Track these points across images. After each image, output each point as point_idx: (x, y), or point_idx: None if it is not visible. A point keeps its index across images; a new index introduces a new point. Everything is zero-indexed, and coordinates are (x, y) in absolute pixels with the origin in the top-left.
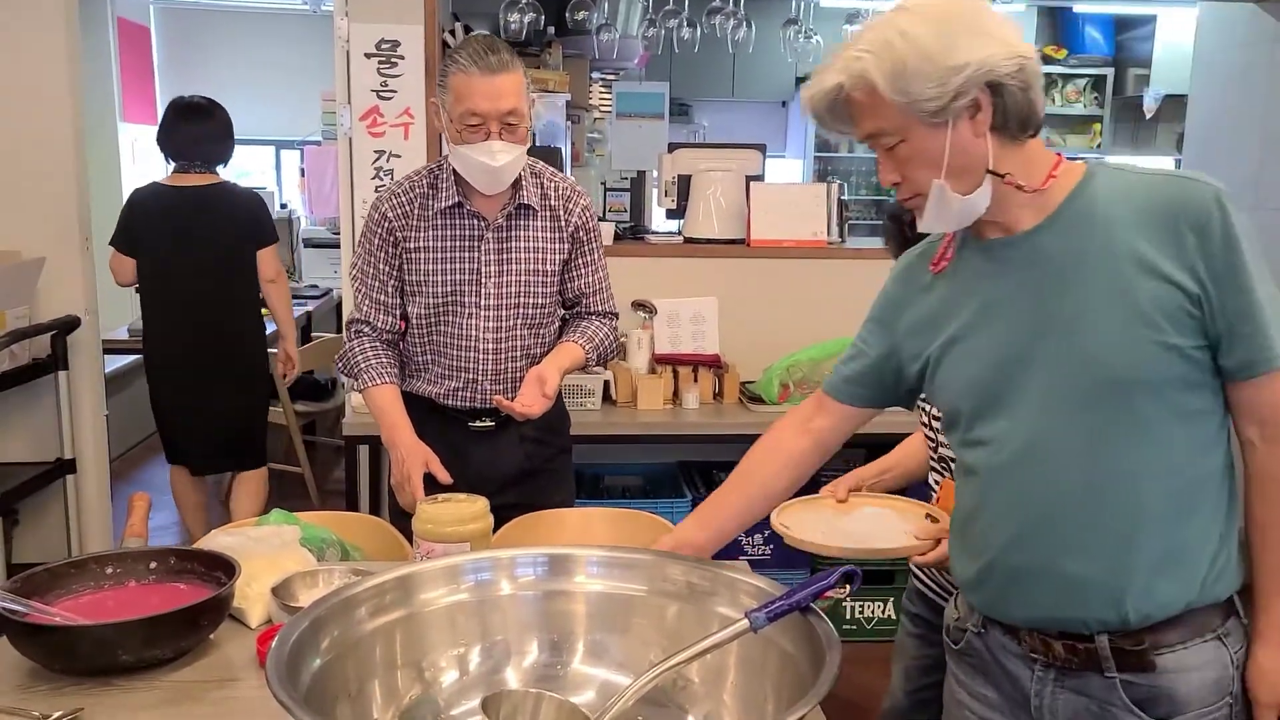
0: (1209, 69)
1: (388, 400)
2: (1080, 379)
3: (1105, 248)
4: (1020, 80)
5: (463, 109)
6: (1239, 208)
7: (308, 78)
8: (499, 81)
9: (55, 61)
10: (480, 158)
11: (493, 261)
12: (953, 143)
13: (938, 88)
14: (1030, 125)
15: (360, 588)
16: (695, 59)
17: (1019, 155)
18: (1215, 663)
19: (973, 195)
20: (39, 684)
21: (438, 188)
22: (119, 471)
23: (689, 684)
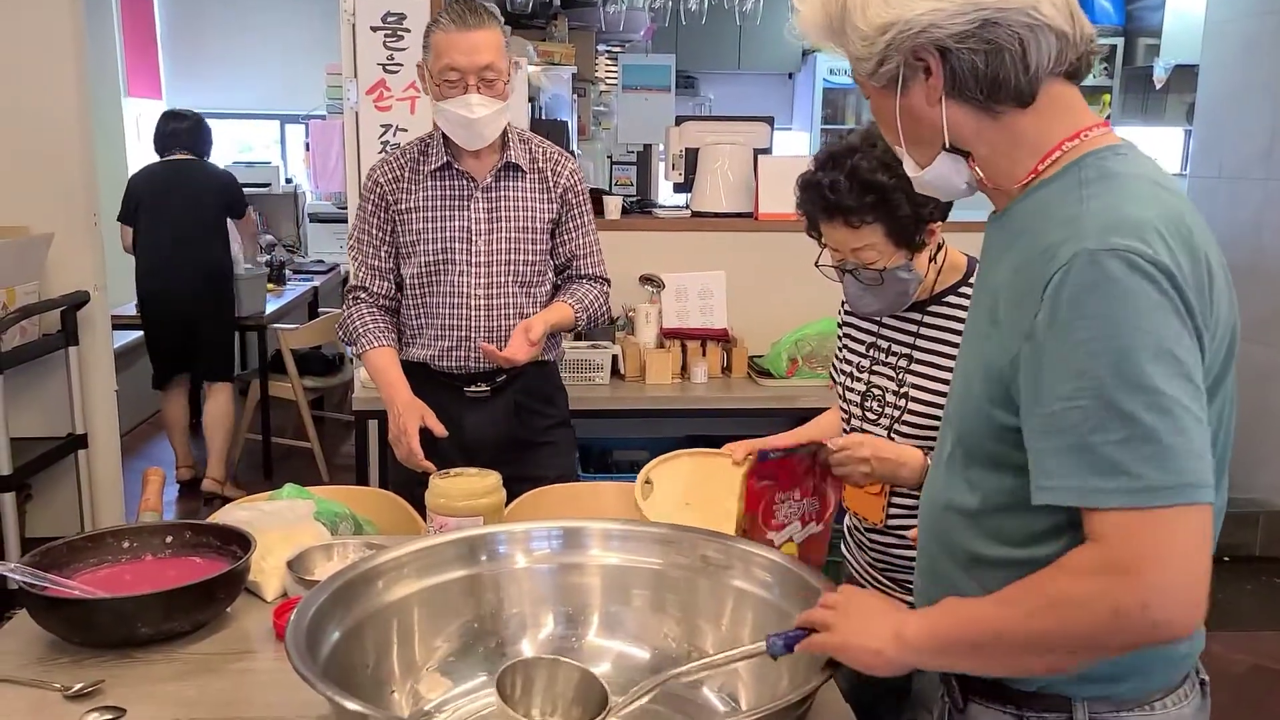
0: (1220, 39)
1: (386, 361)
2: (950, 403)
3: (998, 272)
4: (983, 40)
5: (441, 64)
6: (1149, 280)
7: (312, 51)
8: (474, 37)
9: (61, 38)
10: (458, 110)
11: (482, 220)
12: (902, 108)
13: (866, 48)
14: (1003, 94)
15: (378, 561)
16: (701, 31)
17: (999, 133)
18: None
19: (932, 170)
20: (59, 656)
21: (428, 152)
22: (129, 446)
23: (703, 654)
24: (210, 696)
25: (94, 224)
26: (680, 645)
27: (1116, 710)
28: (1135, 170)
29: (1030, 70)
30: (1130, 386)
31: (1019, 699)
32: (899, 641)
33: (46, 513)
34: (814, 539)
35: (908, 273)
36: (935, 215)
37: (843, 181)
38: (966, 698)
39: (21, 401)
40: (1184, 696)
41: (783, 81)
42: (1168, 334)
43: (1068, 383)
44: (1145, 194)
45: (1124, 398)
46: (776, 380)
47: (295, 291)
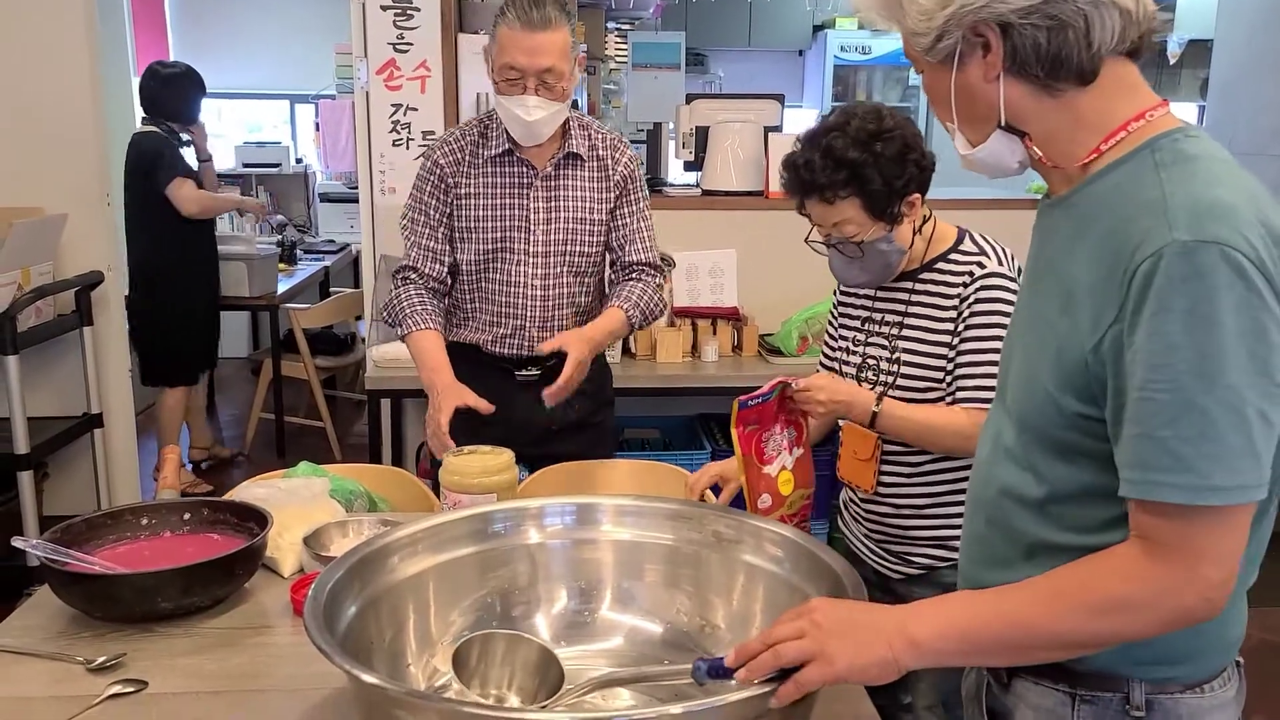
0: (1234, 14)
1: (431, 343)
2: (1007, 390)
3: (1072, 259)
4: (1045, 16)
5: (502, 62)
6: (1240, 276)
7: (321, 31)
8: (539, 38)
9: (72, 20)
10: (515, 110)
11: (540, 209)
12: (958, 85)
13: (925, 23)
14: (1065, 72)
15: (393, 537)
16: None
17: (1059, 112)
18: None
19: (985, 149)
20: (81, 631)
21: (488, 136)
22: (143, 425)
23: (715, 629)
24: (229, 669)
25: (107, 204)
26: (692, 620)
27: (1171, 693)
28: (1211, 152)
29: (1093, 48)
30: (1207, 384)
31: (1073, 678)
32: (912, 647)
33: (63, 491)
34: (801, 461)
35: (888, 244)
36: (911, 188)
37: (817, 160)
38: (1012, 674)
39: (37, 381)
40: (1228, 679)
41: (793, 58)
42: (1254, 330)
43: (1146, 373)
44: (1227, 178)
45: (1200, 395)
46: (787, 358)
47: (306, 271)
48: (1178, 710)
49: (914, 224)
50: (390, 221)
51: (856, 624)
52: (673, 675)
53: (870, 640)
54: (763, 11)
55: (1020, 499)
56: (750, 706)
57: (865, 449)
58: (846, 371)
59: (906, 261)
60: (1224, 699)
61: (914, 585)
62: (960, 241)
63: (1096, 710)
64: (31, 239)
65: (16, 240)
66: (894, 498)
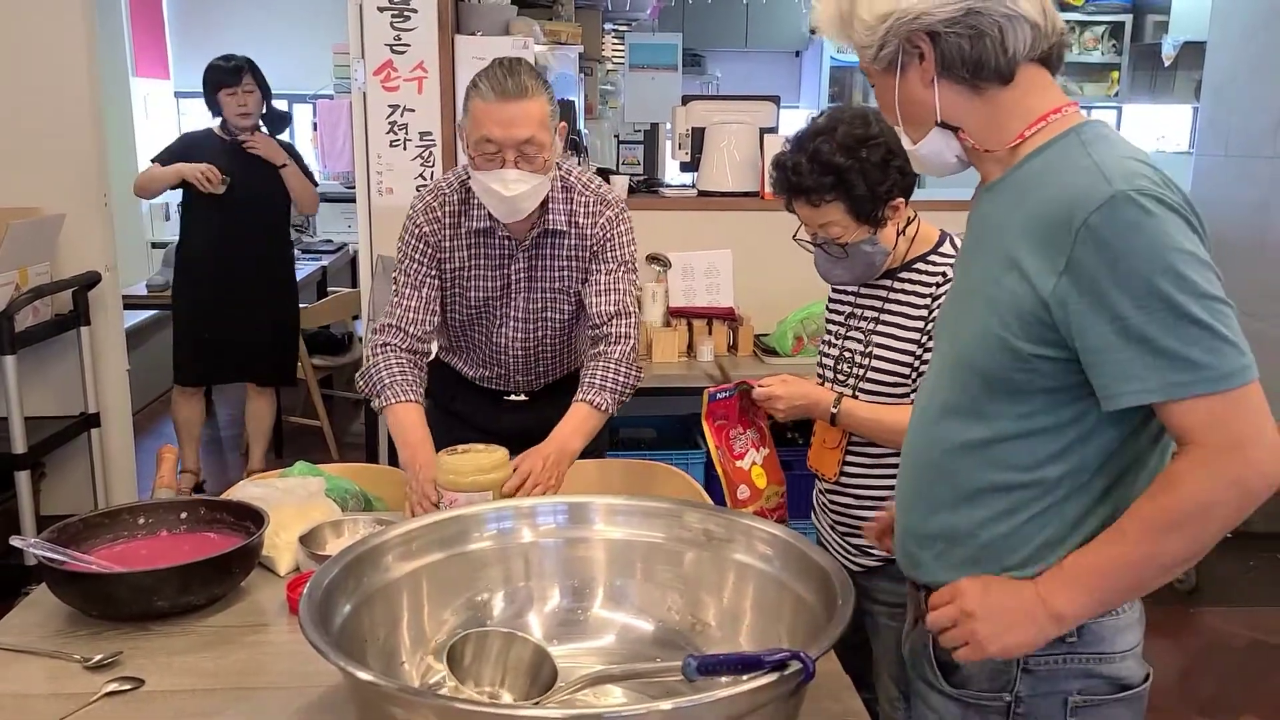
0: (1228, 16)
1: (412, 419)
2: (950, 354)
3: (1012, 224)
4: (968, 26)
5: (478, 135)
6: (1173, 211)
7: (318, 30)
8: (514, 109)
9: (70, 20)
10: (494, 185)
11: (522, 279)
12: (901, 90)
13: (868, 35)
14: (986, 73)
15: (387, 536)
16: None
17: (985, 107)
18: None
19: (924, 145)
20: (79, 629)
21: (469, 203)
22: (140, 424)
23: (706, 627)
24: (226, 667)
25: (104, 204)
26: (684, 618)
27: (1095, 618)
28: (1123, 139)
29: (1009, 53)
30: (1189, 295)
31: None
32: (1056, 619)
33: (60, 491)
34: (769, 459)
35: (872, 246)
36: (894, 193)
37: (804, 163)
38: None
39: (35, 381)
40: (1131, 606)
41: (790, 59)
42: (1201, 251)
43: (1134, 300)
44: (1139, 154)
45: (1189, 306)
46: (782, 358)
47: (304, 271)
48: (1100, 631)
49: (898, 226)
50: (387, 221)
51: (1005, 608)
52: (664, 672)
53: (1019, 621)
54: (759, 13)
55: (966, 446)
56: (739, 703)
57: (833, 438)
58: (825, 363)
59: (890, 261)
60: (1131, 620)
61: (873, 577)
62: (941, 244)
63: None
64: (29, 239)
65: (14, 240)
66: (856, 488)
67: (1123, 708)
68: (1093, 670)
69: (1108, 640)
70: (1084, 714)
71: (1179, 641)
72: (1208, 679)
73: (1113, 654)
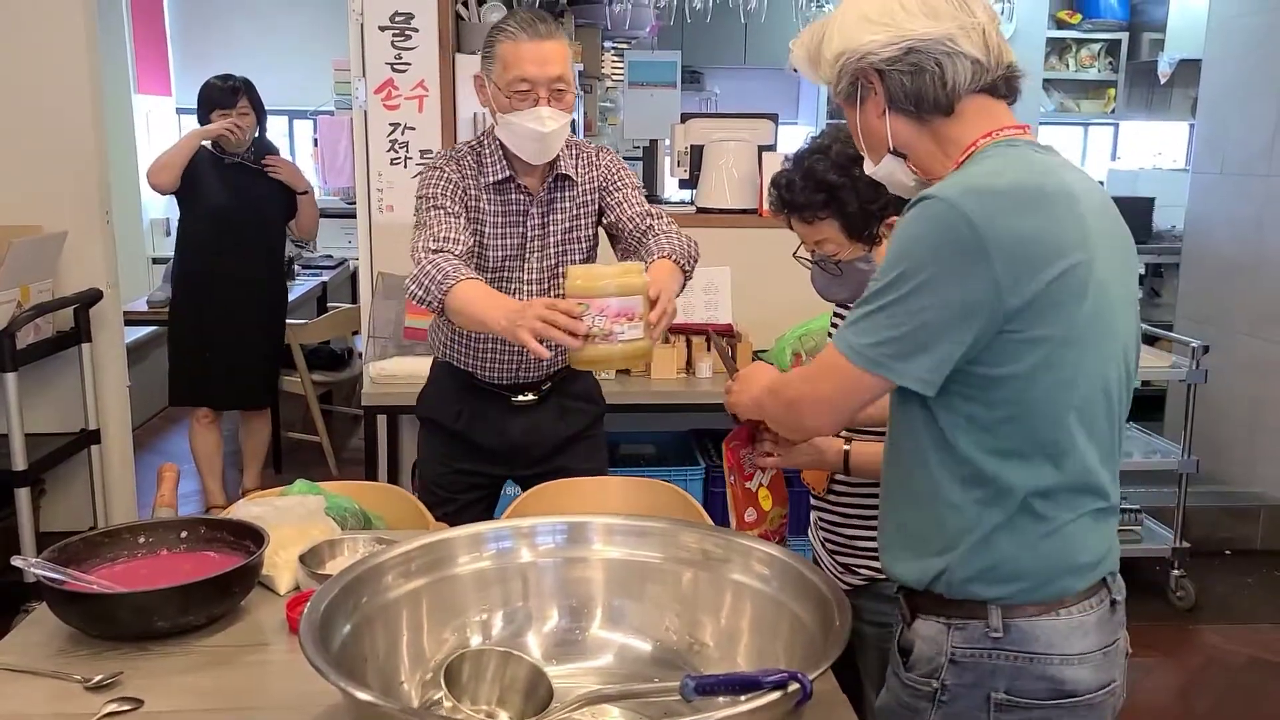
0: (1223, 34)
1: (485, 288)
2: None
3: None
4: (909, 64)
5: (511, 75)
6: (940, 220)
7: (320, 47)
8: (547, 47)
9: (73, 37)
10: (530, 124)
11: (535, 236)
12: (860, 120)
13: (830, 72)
14: (926, 106)
15: (387, 555)
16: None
17: (929, 136)
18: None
19: (880, 169)
20: (79, 649)
21: (483, 162)
22: (140, 441)
23: (703, 647)
24: (226, 687)
25: (106, 222)
26: (681, 638)
27: (1027, 616)
28: (1012, 154)
29: (948, 86)
30: (885, 290)
31: (947, 608)
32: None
33: (60, 508)
34: (775, 480)
35: (866, 264)
36: (888, 211)
37: (798, 181)
38: (914, 614)
39: (35, 398)
40: (1091, 607)
41: (788, 76)
42: (948, 265)
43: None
44: (1005, 170)
45: (888, 292)
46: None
47: (304, 287)
48: (1034, 632)
49: None
50: (388, 239)
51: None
52: (661, 693)
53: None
54: (758, 30)
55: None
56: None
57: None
58: None
59: None
60: (1082, 623)
61: (859, 596)
62: None
63: (965, 634)
64: (31, 257)
65: (16, 258)
66: (844, 506)
67: (1065, 714)
68: (1024, 669)
69: (1041, 641)
70: (1008, 712)
71: (1177, 659)
72: (1206, 697)
73: (1049, 655)
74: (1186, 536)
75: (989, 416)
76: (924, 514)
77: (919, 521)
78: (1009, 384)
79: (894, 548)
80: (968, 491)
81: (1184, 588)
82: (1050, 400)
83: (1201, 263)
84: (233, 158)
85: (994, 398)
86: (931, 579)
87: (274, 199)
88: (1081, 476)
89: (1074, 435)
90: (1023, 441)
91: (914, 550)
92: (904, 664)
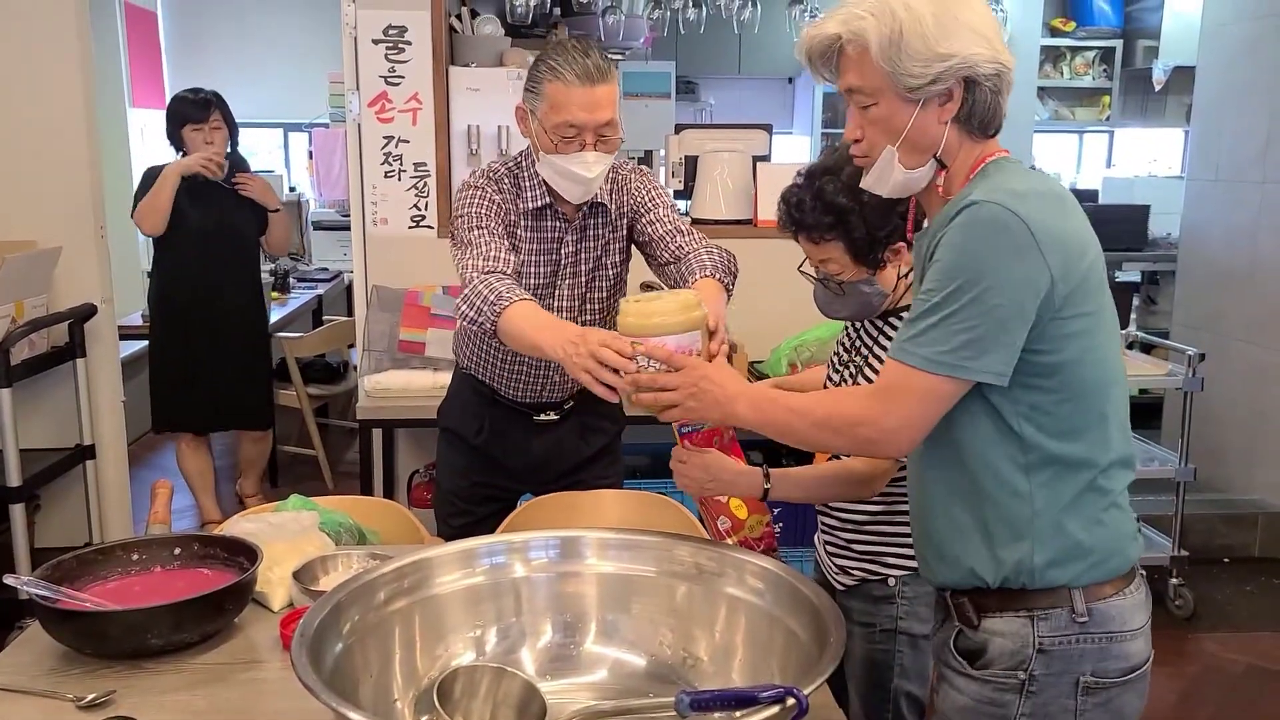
0: (1217, 42)
1: (537, 308)
2: None
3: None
4: (994, 84)
5: (559, 119)
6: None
7: (314, 60)
8: (598, 93)
9: (66, 51)
10: (574, 168)
11: (567, 264)
12: (917, 120)
13: (922, 68)
14: (991, 125)
15: (380, 572)
16: (701, 38)
17: (969, 151)
18: (1015, 636)
19: (914, 172)
20: (72, 668)
21: (521, 187)
22: (135, 455)
23: (698, 661)
24: (219, 705)
25: (101, 236)
26: (675, 652)
27: (1104, 598)
28: (1015, 170)
29: (1003, 110)
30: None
31: (1029, 599)
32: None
33: (55, 523)
34: None
35: (869, 287)
36: (895, 237)
37: (807, 200)
38: (980, 614)
39: (30, 413)
40: (1138, 587)
41: (783, 86)
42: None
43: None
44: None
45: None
46: None
47: (299, 300)
48: (1110, 611)
49: (899, 270)
50: (382, 252)
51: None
52: (656, 708)
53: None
54: (752, 40)
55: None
56: None
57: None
58: (829, 388)
59: (889, 301)
60: (1139, 600)
61: (849, 597)
62: None
63: (1051, 624)
64: (25, 272)
65: (10, 273)
66: (840, 510)
67: (1130, 692)
68: (1107, 650)
69: (1117, 619)
70: (1094, 694)
71: (1176, 667)
72: (1205, 705)
73: (1124, 632)
74: (1184, 545)
75: (1049, 400)
76: (990, 510)
77: (986, 518)
78: (1066, 366)
79: (948, 552)
80: (1034, 477)
81: (1182, 596)
82: (1097, 377)
83: (1197, 270)
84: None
85: (1053, 382)
86: (1008, 573)
87: (248, 216)
88: (1123, 447)
89: (1117, 407)
90: (1081, 419)
91: (981, 548)
92: (973, 664)
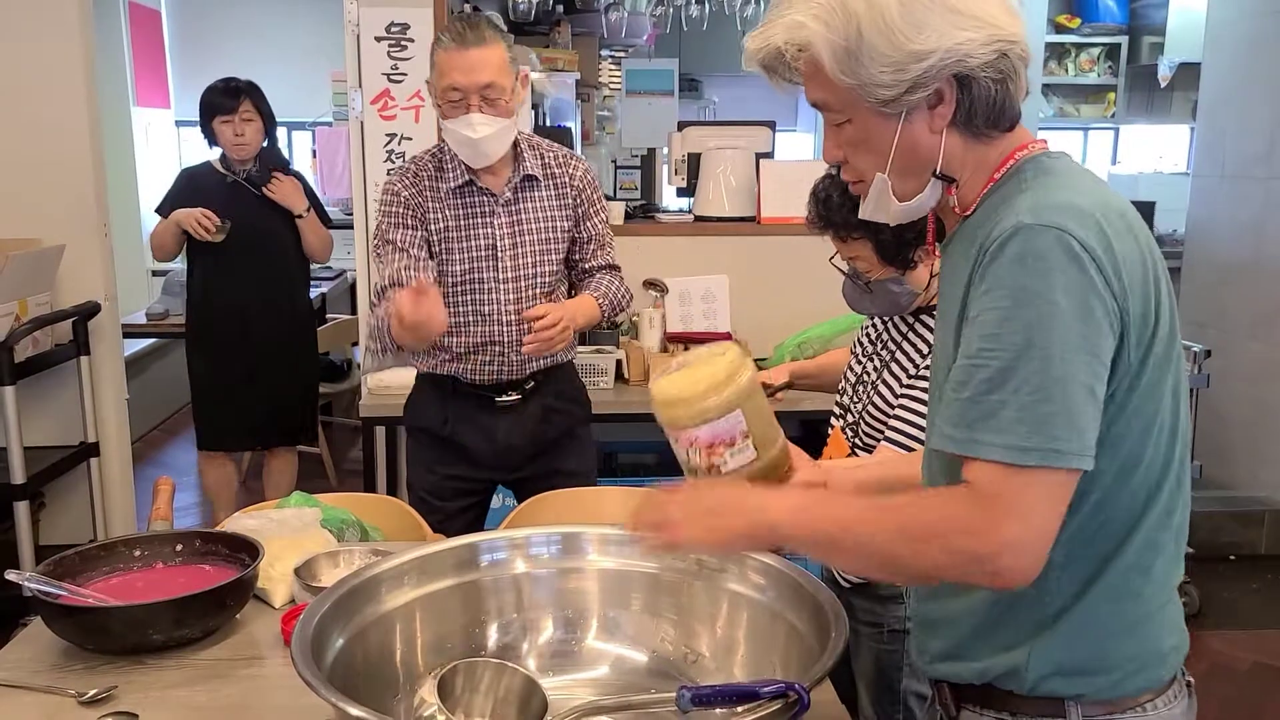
0: (1222, 38)
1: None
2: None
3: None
4: (997, 70)
5: (444, 84)
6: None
7: (318, 58)
8: (474, 55)
9: (70, 50)
10: (461, 130)
11: (506, 235)
12: (902, 137)
13: (894, 75)
14: (1003, 121)
15: (381, 568)
16: (704, 35)
17: (983, 153)
18: None
19: (912, 202)
20: (73, 663)
21: (443, 168)
22: (139, 453)
23: (700, 657)
24: (220, 701)
25: (104, 235)
26: (677, 648)
27: (1109, 712)
28: (1069, 169)
29: (1019, 96)
30: (1032, 355)
31: (1014, 703)
32: (771, 531)
33: (59, 520)
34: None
35: (898, 286)
36: (924, 239)
37: (835, 198)
38: (959, 706)
39: (34, 411)
40: (1173, 698)
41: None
42: (1082, 310)
43: (980, 342)
44: (1079, 186)
45: (1023, 364)
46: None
47: None
48: None
49: (930, 269)
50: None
51: (717, 506)
52: (657, 704)
53: (728, 523)
54: None
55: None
56: None
57: (839, 451)
58: (848, 377)
59: (921, 299)
60: (1168, 716)
61: (856, 595)
62: None
63: None
64: (29, 270)
65: (14, 271)
66: None
67: None
68: None
69: None
70: None
71: None
72: (1211, 703)
73: None
74: (1190, 542)
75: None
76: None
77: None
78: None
79: (949, 641)
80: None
81: (1188, 593)
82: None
83: (1203, 267)
84: (238, 174)
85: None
86: (1001, 673)
87: (285, 219)
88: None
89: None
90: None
91: (982, 640)
92: None
